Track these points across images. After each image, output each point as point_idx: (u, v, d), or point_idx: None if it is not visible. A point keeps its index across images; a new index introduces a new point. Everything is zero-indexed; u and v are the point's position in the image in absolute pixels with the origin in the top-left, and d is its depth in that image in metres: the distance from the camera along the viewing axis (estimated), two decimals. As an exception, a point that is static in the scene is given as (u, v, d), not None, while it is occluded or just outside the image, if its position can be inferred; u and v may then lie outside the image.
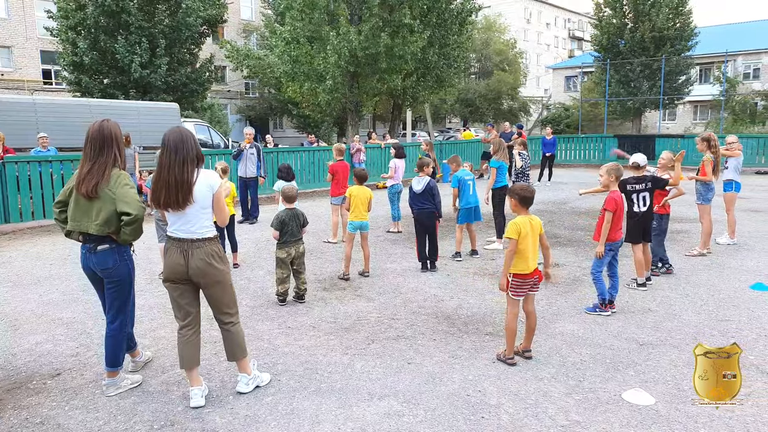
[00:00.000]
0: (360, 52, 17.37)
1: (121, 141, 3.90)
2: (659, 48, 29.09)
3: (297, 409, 3.78)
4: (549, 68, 59.19)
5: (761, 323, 5.28)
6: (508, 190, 4.64)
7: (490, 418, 3.62)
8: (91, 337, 5.15)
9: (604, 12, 31.24)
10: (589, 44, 75.20)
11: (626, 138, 23.88)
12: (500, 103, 51.42)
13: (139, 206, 3.72)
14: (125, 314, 4.03)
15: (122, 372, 4.14)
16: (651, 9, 28.94)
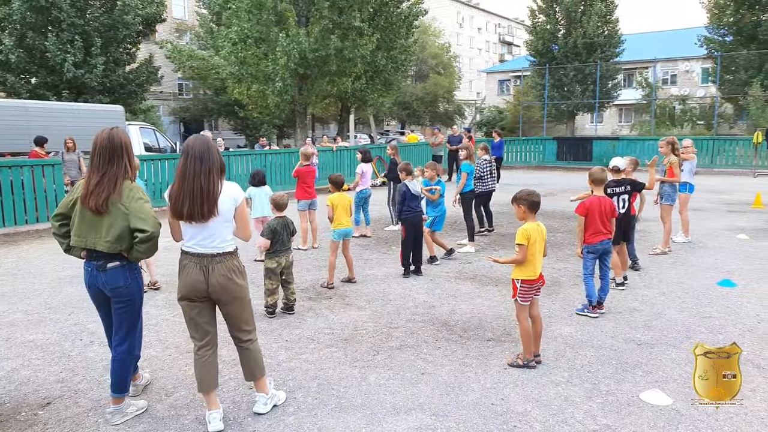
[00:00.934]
0: (310, 54, 17.17)
1: (131, 150, 3.64)
2: (590, 54, 30.39)
3: (324, 427, 3.64)
4: (482, 72, 60.64)
5: (740, 318, 5.56)
6: (514, 198, 4.66)
7: (523, 426, 3.62)
8: (73, 360, 4.79)
9: (538, 18, 32.31)
10: (519, 49, 77.71)
11: (565, 140, 24.79)
12: (436, 106, 52.26)
13: (156, 222, 3.48)
14: (134, 336, 3.77)
15: (126, 398, 3.86)
16: (582, 16, 30.18)
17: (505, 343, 5.06)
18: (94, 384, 4.34)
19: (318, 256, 8.46)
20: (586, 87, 31.06)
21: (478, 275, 7.34)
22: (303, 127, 19.73)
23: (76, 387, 4.30)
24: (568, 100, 31.10)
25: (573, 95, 31.04)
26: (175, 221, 3.51)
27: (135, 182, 3.65)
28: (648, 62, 41.75)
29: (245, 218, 3.64)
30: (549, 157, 24.05)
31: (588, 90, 31.22)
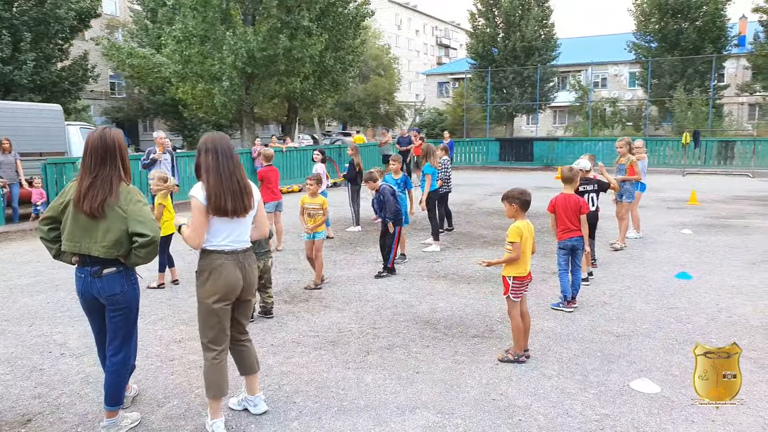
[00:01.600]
0: (258, 53, 16.88)
1: (125, 151, 3.48)
2: (529, 57, 31.34)
3: (332, 430, 3.60)
4: (422, 74, 61.35)
5: (702, 308, 5.88)
6: (505, 196, 4.75)
7: (528, 420, 3.70)
8: (46, 374, 4.51)
9: (478, 22, 33.02)
10: (456, 51, 79.08)
11: (507, 141, 25.46)
12: (377, 107, 52.53)
13: (155, 227, 3.34)
14: (130, 346, 3.60)
15: (120, 410, 3.68)
16: (521, 21, 31.08)
17: (490, 339, 5.15)
18: (76, 398, 4.11)
19: (284, 259, 8.32)
20: (525, 89, 32.01)
21: (449, 274, 7.43)
22: (250, 127, 19.33)
23: (56, 402, 4.05)
24: (508, 102, 31.92)
25: (513, 97, 31.91)
26: (205, 222, 3.40)
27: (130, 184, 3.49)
28: (581, 66, 43.53)
29: (263, 211, 3.76)
30: (492, 157, 24.64)
31: (527, 92, 32.17)
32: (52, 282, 7.23)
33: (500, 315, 5.74)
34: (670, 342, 4.98)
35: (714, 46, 31.90)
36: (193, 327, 5.28)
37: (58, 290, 6.85)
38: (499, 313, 5.81)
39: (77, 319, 5.75)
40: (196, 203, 3.40)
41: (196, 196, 3.41)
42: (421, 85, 71.08)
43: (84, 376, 4.45)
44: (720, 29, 31.98)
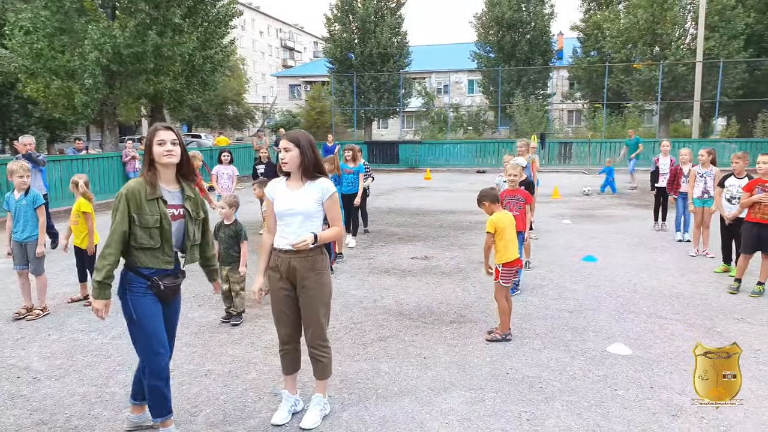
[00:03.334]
0: (125, 49, 15.77)
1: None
2: (384, 63, 32.60)
3: (386, 416, 3.79)
4: (274, 76, 60.66)
5: (621, 284, 6.86)
6: (478, 199, 5.25)
7: (547, 386, 4.20)
8: (33, 400, 4.09)
9: (334, 26, 33.61)
10: (301, 54, 79.10)
11: (375, 144, 26.33)
12: (226, 108, 50.94)
13: None
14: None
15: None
16: (376, 27, 32.22)
17: (466, 323, 5.60)
18: (90, 419, 3.81)
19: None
20: (381, 95, 33.24)
21: (389, 269, 7.77)
22: (112, 129, 17.89)
23: (70, 425, 3.73)
24: (366, 106, 32.90)
25: (371, 102, 32.97)
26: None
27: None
28: (426, 73, 46.18)
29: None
30: (360, 159, 25.29)
31: (383, 97, 33.42)
32: (-43, 304, 6.33)
33: (461, 302, 6.24)
34: (615, 313, 5.82)
35: (543, 58, 35.81)
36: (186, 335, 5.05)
37: (-29, 312, 6.04)
38: (458, 300, 6.31)
39: (24, 340, 5.20)
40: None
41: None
42: (267, 87, 70.21)
43: (80, 397, 4.11)
44: (546, 43, 35.95)
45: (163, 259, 3.25)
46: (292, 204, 3.47)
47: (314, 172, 3.49)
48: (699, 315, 5.72)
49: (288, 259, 3.48)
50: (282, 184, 3.59)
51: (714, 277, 7.12)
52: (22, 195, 5.79)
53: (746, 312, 5.78)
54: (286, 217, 3.50)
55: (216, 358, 4.82)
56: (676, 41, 28.78)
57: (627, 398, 3.99)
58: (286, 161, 3.47)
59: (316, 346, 3.65)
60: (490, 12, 35.50)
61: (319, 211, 3.52)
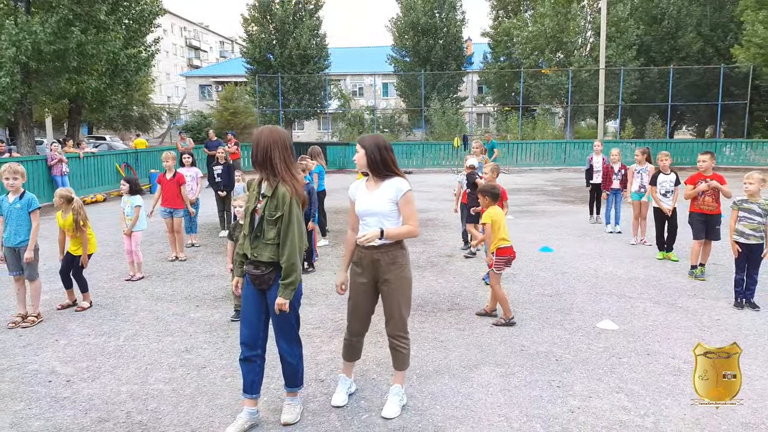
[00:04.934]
0: (45, 47, 14.94)
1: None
2: (304, 65, 32.62)
3: (434, 391, 4.15)
4: (182, 75, 58.52)
5: (584, 271, 7.59)
6: (480, 190, 5.74)
7: (563, 359, 4.72)
8: (80, 401, 4.07)
9: (252, 27, 33.19)
10: (207, 54, 76.81)
11: (304, 145, 26.27)
12: (131, 109, 48.56)
13: None
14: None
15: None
16: (295, 29, 32.17)
17: (462, 311, 6.04)
18: (150, 415, 3.88)
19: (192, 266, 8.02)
20: (302, 96, 33.23)
21: (367, 265, 8.07)
22: (28, 130, 16.77)
23: (136, 419, 3.78)
24: (286, 107, 32.75)
25: (291, 103, 32.86)
26: None
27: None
28: (341, 75, 46.50)
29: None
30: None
31: (303, 99, 33.42)
32: (-71, 316, 5.95)
33: (449, 292, 6.70)
34: (589, 295, 6.49)
35: (456, 62, 37.29)
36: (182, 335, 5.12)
37: (-48, 323, 5.72)
38: (446, 290, 6.76)
39: (32, 347, 5.06)
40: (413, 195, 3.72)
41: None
42: (172, 87, 67.58)
43: (127, 395, 4.14)
44: (459, 49, 37.47)
45: (246, 245, 3.61)
46: (369, 204, 3.70)
47: (385, 172, 3.69)
48: (659, 294, 6.52)
49: (371, 254, 3.70)
50: (362, 185, 3.82)
51: (659, 262, 8.04)
52: (17, 198, 5.59)
53: (697, 289, 6.67)
54: (365, 216, 3.73)
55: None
56: (579, 49, 31.05)
57: (632, 364, 4.60)
58: (356, 161, 3.77)
59: (397, 337, 3.85)
60: (405, 17, 36.47)
61: (394, 210, 3.68)
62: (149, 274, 7.59)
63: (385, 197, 3.67)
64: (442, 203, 14.37)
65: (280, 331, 3.66)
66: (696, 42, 31.58)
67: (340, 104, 42.69)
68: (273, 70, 31.98)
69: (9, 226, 5.55)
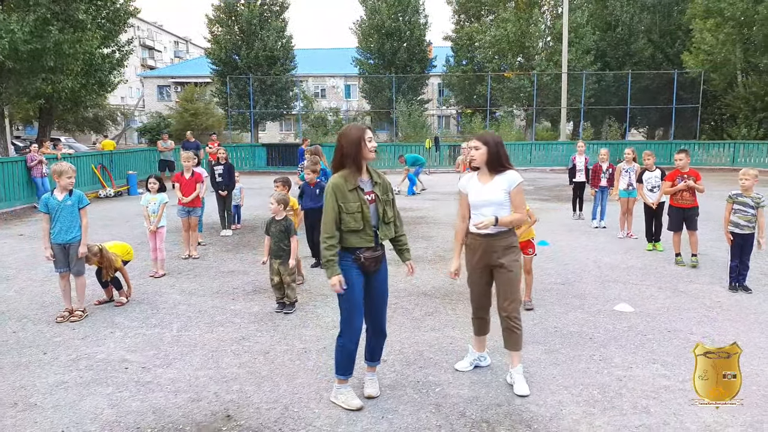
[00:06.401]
0: (22, 45, 14.66)
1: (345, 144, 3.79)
2: (271, 66, 32.59)
3: (493, 365, 4.56)
4: (140, 76, 57.17)
5: (584, 262, 8.11)
6: None
7: (594, 337, 5.20)
8: (168, 385, 4.28)
9: (216, 27, 32.92)
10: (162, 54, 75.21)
11: (274, 146, 26.42)
12: (77, 110, 47.14)
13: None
14: (343, 323, 3.95)
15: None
16: (261, 30, 32.11)
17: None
18: (239, 395, 4.14)
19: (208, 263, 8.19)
20: (269, 97, 33.18)
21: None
22: (1, 131, 16.36)
23: (225, 398, 4.03)
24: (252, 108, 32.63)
25: (257, 104, 32.76)
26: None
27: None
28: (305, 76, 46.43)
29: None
30: (260, 162, 25.30)
31: (270, 100, 33.36)
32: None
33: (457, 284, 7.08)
34: (597, 283, 7.03)
35: (420, 65, 37.93)
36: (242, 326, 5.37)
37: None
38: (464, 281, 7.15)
39: (90, 339, 5.21)
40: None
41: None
42: (126, 87, 65.81)
43: (207, 379, 4.37)
44: (423, 52, 38.13)
45: (365, 239, 3.74)
46: (486, 195, 4.04)
47: (500, 166, 4.05)
48: (660, 281, 7.12)
49: (486, 241, 4.06)
50: (474, 178, 4.17)
51: (649, 253, 8.68)
52: (66, 195, 5.70)
53: (692, 276, 7.31)
54: (481, 207, 4.06)
55: (299, 338, 5.23)
56: (540, 54, 32.17)
57: (658, 339, 5.12)
58: (475, 158, 4.06)
59: (513, 318, 4.14)
60: (370, 20, 36.87)
61: (508, 200, 4.03)
62: (169, 271, 7.72)
63: (500, 188, 4.02)
64: (427, 202, 14.83)
65: (384, 305, 4.00)
66: (647, 48, 33.21)
67: (303, 105, 42.76)
68: (239, 71, 31.82)
69: (59, 223, 5.64)
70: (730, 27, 26.15)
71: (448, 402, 4.02)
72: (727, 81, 27.74)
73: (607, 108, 33.19)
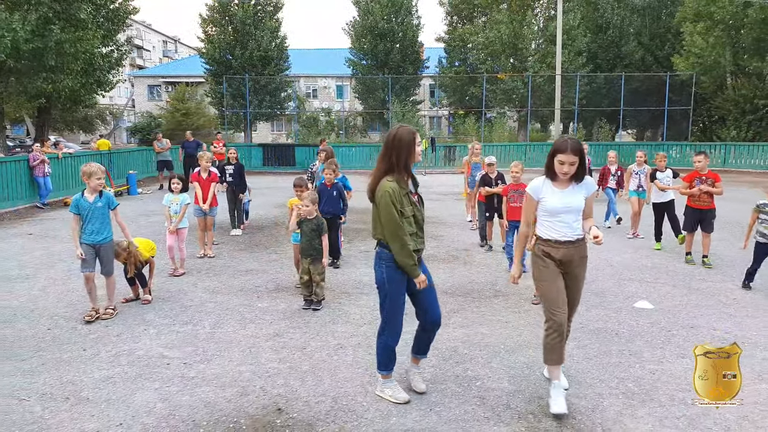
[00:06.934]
0: (24, 45, 14.59)
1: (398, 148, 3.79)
2: (265, 66, 32.56)
3: (528, 362, 4.68)
4: (130, 75, 56.73)
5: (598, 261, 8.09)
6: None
7: (620, 333, 5.34)
8: (212, 379, 4.35)
9: (210, 27, 32.82)
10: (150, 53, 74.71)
11: (270, 147, 26.40)
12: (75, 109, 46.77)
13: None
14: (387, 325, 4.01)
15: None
16: (255, 30, 32.07)
17: (509, 297, 6.56)
18: (286, 389, 4.21)
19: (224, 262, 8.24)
20: (263, 97, 33.15)
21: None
22: (2, 130, 16.23)
23: (274, 392, 4.11)
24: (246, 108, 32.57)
25: (252, 104, 32.70)
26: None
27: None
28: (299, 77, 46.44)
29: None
30: (256, 162, 25.27)
31: (264, 100, 33.33)
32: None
33: (486, 281, 7.25)
34: (613, 281, 7.18)
35: (413, 66, 38.07)
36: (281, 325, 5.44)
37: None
38: (482, 280, 7.30)
39: (124, 336, 5.26)
40: None
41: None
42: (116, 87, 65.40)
43: (250, 374, 4.44)
44: (416, 53, 38.29)
45: (417, 241, 3.82)
46: (569, 202, 3.88)
47: (584, 175, 3.96)
48: (673, 279, 7.29)
49: (565, 249, 3.89)
50: (548, 183, 3.97)
51: (659, 252, 8.86)
52: (97, 197, 5.73)
53: (704, 274, 7.49)
54: (561, 213, 3.90)
55: (332, 334, 5.31)
56: (533, 55, 32.46)
57: (683, 335, 5.28)
58: (569, 174, 3.84)
59: (569, 326, 4.08)
60: (363, 20, 36.95)
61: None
62: (187, 270, 7.75)
63: (580, 195, 3.93)
64: (428, 202, 14.88)
65: (434, 295, 4.06)
66: (637, 51, 33.62)
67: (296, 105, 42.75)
68: (233, 71, 31.75)
69: (91, 224, 5.66)
70: (719, 30, 26.60)
71: (491, 395, 4.13)
72: (717, 83, 28.19)
73: (604, 109, 33.54)
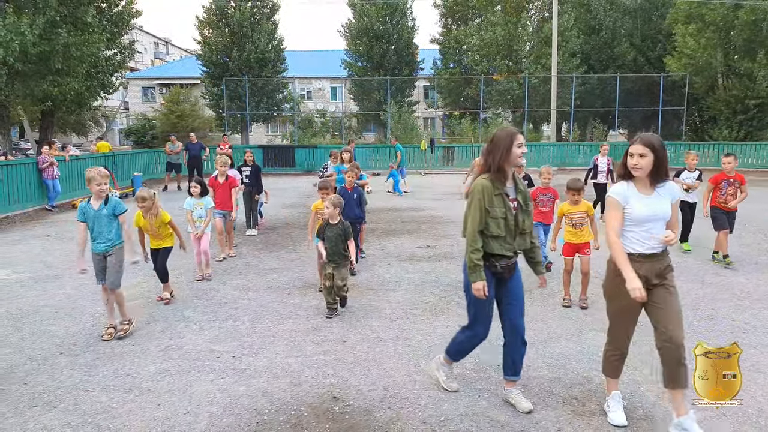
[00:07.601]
0: (32, 48, 14.66)
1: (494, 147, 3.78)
2: (263, 68, 32.67)
3: (563, 353, 4.89)
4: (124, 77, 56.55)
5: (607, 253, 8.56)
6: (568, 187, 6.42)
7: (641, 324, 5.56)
8: (262, 372, 4.53)
9: (206, 29, 32.88)
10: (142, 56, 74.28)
11: (271, 148, 26.55)
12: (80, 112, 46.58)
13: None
14: (471, 325, 4.10)
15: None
16: (252, 33, 32.18)
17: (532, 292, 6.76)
18: (338, 378, 4.39)
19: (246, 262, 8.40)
20: (260, 99, 33.25)
21: (407, 256, 8.70)
22: (5, 132, 16.24)
23: (325, 381, 4.29)
24: (243, 110, 32.67)
25: (250, 106, 32.80)
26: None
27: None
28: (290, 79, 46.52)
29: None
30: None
31: (261, 102, 33.44)
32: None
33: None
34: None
35: (408, 68, 38.34)
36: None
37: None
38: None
39: (168, 333, 5.42)
40: None
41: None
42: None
43: (297, 365, 4.62)
44: (411, 55, 38.55)
45: (505, 246, 3.80)
46: (656, 209, 3.53)
47: (665, 176, 3.56)
48: (685, 274, 7.54)
49: (650, 264, 3.58)
50: (632, 189, 3.59)
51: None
52: (102, 204, 5.35)
53: (714, 270, 7.77)
54: (649, 222, 3.53)
55: (369, 328, 5.50)
56: (528, 57, 32.81)
57: (703, 326, 5.53)
58: (640, 167, 3.50)
59: (682, 347, 3.52)
60: (359, 22, 37.15)
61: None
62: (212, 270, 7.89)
63: (667, 201, 3.57)
64: (433, 202, 15.16)
65: (521, 308, 3.93)
66: (630, 52, 34.07)
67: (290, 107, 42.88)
68: (230, 73, 31.84)
69: (96, 232, 5.35)
70: (711, 32, 27.07)
71: (532, 383, 4.34)
72: (709, 84, 28.66)
73: (600, 110, 33.94)
